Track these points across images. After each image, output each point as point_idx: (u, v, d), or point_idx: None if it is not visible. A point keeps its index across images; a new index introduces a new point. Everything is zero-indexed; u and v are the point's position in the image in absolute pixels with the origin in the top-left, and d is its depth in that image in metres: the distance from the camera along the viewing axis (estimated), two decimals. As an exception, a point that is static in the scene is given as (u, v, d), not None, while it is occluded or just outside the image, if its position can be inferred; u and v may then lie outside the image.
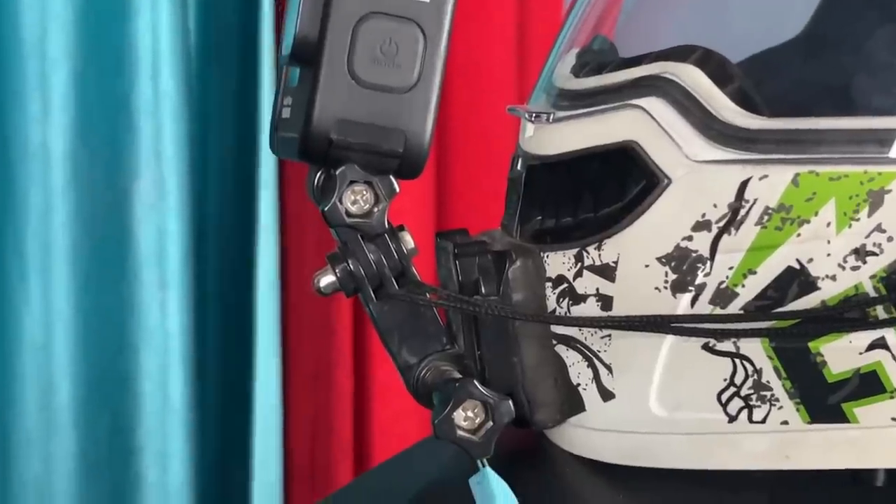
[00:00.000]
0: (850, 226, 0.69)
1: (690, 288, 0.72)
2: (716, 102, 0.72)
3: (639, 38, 0.82)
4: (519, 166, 0.79)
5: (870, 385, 0.70)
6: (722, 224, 0.71)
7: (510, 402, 0.71)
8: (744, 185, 0.70)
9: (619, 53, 0.81)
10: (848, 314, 0.70)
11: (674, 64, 0.73)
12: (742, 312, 0.71)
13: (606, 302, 0.74)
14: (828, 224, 0.70)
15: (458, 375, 0.72)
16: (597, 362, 0.75)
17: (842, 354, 0.70)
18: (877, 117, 0.70)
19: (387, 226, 0.71)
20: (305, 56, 0.69)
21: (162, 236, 1.64)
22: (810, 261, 0.70)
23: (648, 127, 0.72)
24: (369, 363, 1.73)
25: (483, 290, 0.74)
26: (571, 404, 0.76)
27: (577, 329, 0.75)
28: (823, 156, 0.70)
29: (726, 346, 0.72)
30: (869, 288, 0.70)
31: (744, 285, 0.71)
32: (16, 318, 1.61)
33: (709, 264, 0.71)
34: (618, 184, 0.73)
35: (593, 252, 0.74)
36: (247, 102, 1.69)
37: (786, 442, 0.72)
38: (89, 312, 1.64)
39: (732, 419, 0.72)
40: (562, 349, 0.76)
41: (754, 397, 0.72)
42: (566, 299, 0.75)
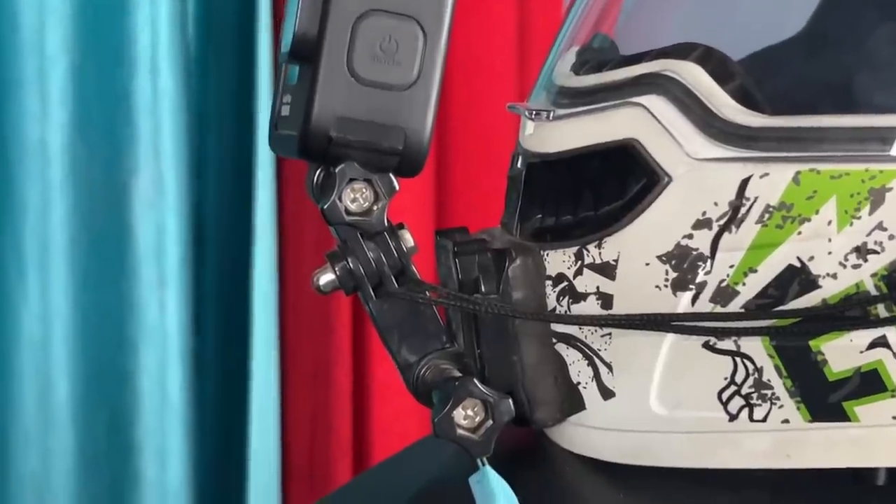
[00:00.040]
0: (851, 224, 0.69)
1: (691, 286, 0.72)
2: (716, 100, 0.71)
3: (639, 35, 0.82)
4: (519, 164, 0.79)
5: (871, 384, 0.70)
6: (723, 222, 0.71)
7: (510, 401, 0.71)
8: (744, 183, 0.70)
9: (620, 51, 0.80)
10: (849, 312, 0.70)
11: (674, 62, 0.73)
12: (743, 311, 0.71)
13: (607, 300, 0.74)
14: (829, 222, 0.70)
15: (458, 374, 0.72)
16: (597, 361, 0.74)
17: (843, 353, 0.70)
18: (878, 115, 0.70)
19: (386, 224, 0.71)
20: (305, 53, 0.69)
21: (160, 233, 1.63)
22: (811, 259, 0.70)
23: (649, 125, 0.72)
24: (369, 362, 1.73)
25: (483, 288, 0.74)
26: (571, 403, 0.76)
27: (577, 327, 0.75)
28: (824, 154, 0.69)
29: (727, 344, 0.72)
30: (870, 286, 0.70)
31: (744, 283, 0.71)
32: (14, 314, 1.61)
33: (709, 262, 0.71)
34: (618, 182, 0.73)
35: (593, 250, 0.74)
36: (246, 99, 1.69)
37: (786, 441, 0.72)
38: (88, 309, 1.64)
39: (733, 418, 0.72)
40: (562, 348, 0.75)
41: (755, 396, 0.72)
42: (566, 297, 0.75)
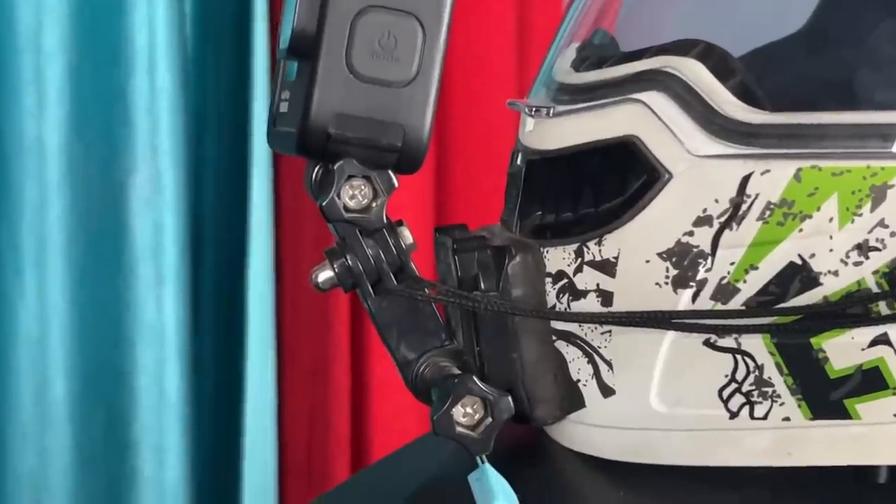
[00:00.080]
0: (852, 221, 0.69)
1: (691, 283, 0.71)
2: (717, 97, 0.71)
3: (640, 31, 0.82)
4: (519, 161, 0.79)
5: (872, 381, 0.70)
6: (723, 219, 0.70)
7: (509, 399, 0.71)
8: (745, 179, 0.70)
9: (620, 47, 0.80)
10: (850, 310, 0.70)
11: (675, 58, 0.72)
12: (743, 308, 0.71)
13: (607, 297, 0.73)
14: (830, 219, 0.69)
15: (457, 371, 0.72)
16: (597, 358, 0.74)
17: (844, 350, 0.70)
18: (879, 112, 0.70)
19: (385, 221, 0.71)
20: (303, 50, 0.69)
21: (158, 231, 1.63)
22: (812, 256, 0.70)
23: (649, 121, 0.72)
24: (367, 359, 1.73)
25: (482, 285, 0.74)
26: (571, 400, 0.75)
27: (577, 325, 0.74)
28: (826, 150, 0.69)
29: (727, 342, 0.71)
30: (871, 283, 0.69)
31: (745, 281, 0.71)
32: (11, 312, 1.61)
33: (710, 260, 0.71)
34: (618, 179, 0.73)
35: (594, 247, 0.74)
36: (243, 98, 1.68)
37: (787, 438, 0.72)
38: (85, 307, 1.63)
39: (734, 415, 0.72)
40: (562, 345, 0.75)
41: (756, 393, 0.71)
42: (566, 295, 0.75)
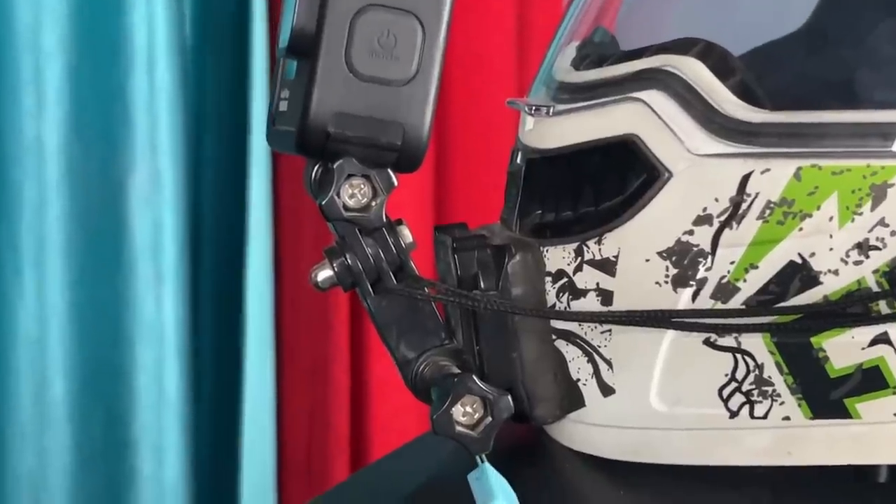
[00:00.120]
0: (852, 220, 0.69)
1: (691, 282, 0.71)
2: (717, 95, 0.71)
3: (640, 30, 0.82)
4: (518, 160, 0.78)
5: (872, 380, 0.70)
6: (723, 218, 0.70)
7: (509, 398, 0.70)
8: (745, 178, 0.70)
9: (620, 46, 0.80)
10: (850, 309, 0.70)
11: (675, 57, 0.72)
12: (743, 307, 0.71)
13: (607, 296, 0.73)
14: (830, 218, 0.69)
15: (457, 370, 0.72)
16: (597, 357, 0.74)
17: (844, 350, 0.70)
18: (880, 111, 0.69)
19: (385, 220, 0.71)
20: (303, 49, 0.69)
21: (158, 229, 1.63)
22: (812, 255, 0.70)
23: (649, 120, 0.72)
24: (367, 358, 1.73)
25: (482, 284, 0.74)
26: (571, 400, 0.75)
27: (576, 324, 0.74)
28: (826, 149, 0.69)
29: (727, 341, 0.71)
30: (872, 283, 0.69)
31: (745, 280, 0.71)
32: (10, 311, 1.61)
33: (710, 259, 0.71)
34: (618, 177, 0.73)
35: (593, 246, 0.73)
36: (243, 95, 1.68)
37: (787, 438, 0.72)
38: (84, 306, 1.63)
39: (734, 415, 0.72)
40: (561, 344, 0.75)
41: (756, 393, 0.71)
42: (566, 294, 0.74)
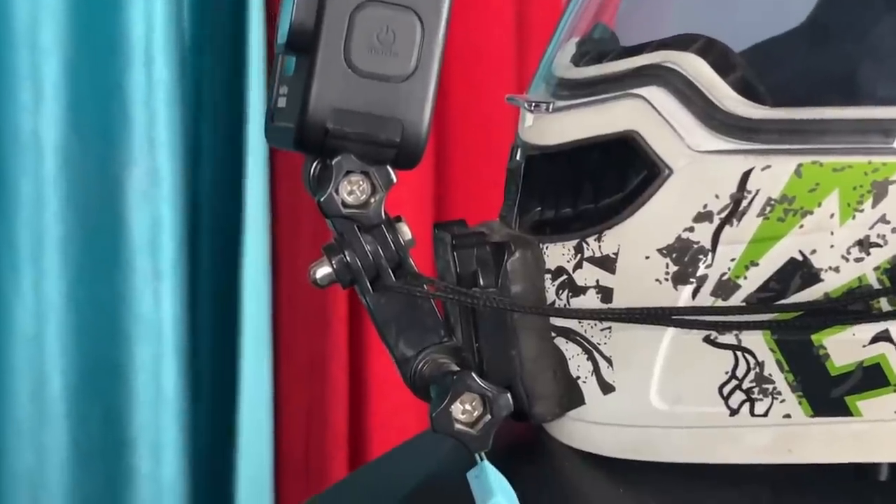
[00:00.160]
0: (853, 217, 0.69)
1: (692, 280, 0.71)
2: (718, 92, 0.71)
3: (640, 26, 0.82)
4: (518, 156, 0.78)
5: (873, 378, 0.70)
6: (724, 215, 0.70)
7: (508, 396, 0.70)
8: (746, 175, 0.70)
9: (620, 42, 0.80)
10: (851, 306, 0.69)
11: (675, 53, 0.72)
12: (744, 305, 0.70)
13: (606, 294, 0.73)
14: (831, 215, 0.69)
15: (456, 368, 0.72)
16: (597, 355, 0.74)
17: (845, 347, 0.70)
18: (881, 107, 0.69)
19: (384, 216, 0.70)
20: (301, 45, 0.68)
21: (155, 225, 1.63)
22: (813, 252, 0.69)
23: (649, 117, 0.71)
24: (365, 356, 1.73)
25: (481, 281, 0.74)
26: (571, 397, 0.75)
27: (576, 321, 0.74)
28: (827, 146, 0.69)
29: (728, 338, 0.71)
30: (873, 280, 0.69)
31: (746, 277, 0.70)
32: (7, 308, 1.60)
33: (710, 256, 0.71)
34: (618, 174, 0.72)
35: (593, 243, 0.73)
36: (240, 91, 1.68)
37: (788, 436, 0.71)
38: (82, 303, 1.63)
39: (734, 413, 0.72)
40: (561, 342, 0.75)
41: (756, 390, 0.71)
42: (566, 291, 0.74)
